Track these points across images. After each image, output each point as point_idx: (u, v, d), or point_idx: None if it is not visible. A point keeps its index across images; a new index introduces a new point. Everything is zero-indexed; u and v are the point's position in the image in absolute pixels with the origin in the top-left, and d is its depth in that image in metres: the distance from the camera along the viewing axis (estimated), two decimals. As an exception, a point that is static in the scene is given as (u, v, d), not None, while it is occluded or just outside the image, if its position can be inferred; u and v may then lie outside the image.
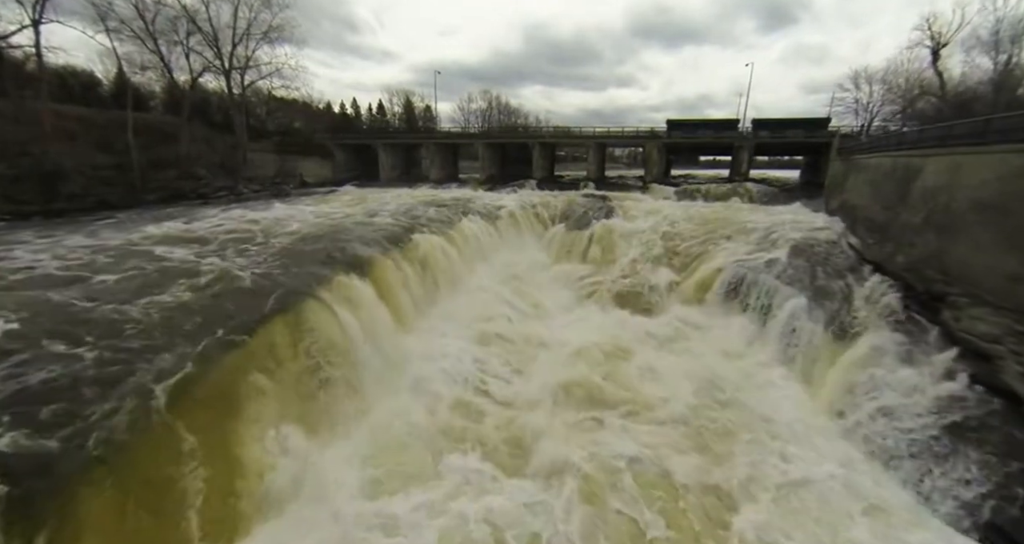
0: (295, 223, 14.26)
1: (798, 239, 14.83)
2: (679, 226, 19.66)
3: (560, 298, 13.93)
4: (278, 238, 11.56)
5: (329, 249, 10.32)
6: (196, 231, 12.97)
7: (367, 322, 7.91)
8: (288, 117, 46.33)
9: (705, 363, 9.23)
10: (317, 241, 11.16)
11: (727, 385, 8.15)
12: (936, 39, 25.11)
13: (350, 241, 11.36)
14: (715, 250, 15.87)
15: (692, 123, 38.39)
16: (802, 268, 12.08)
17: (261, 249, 9.91)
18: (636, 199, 27.16)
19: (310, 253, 9.81)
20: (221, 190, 26.46)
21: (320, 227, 13.33)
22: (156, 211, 17.65)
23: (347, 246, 10.71)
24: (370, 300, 8.56)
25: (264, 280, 7.41)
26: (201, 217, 16.08)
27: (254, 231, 12.70)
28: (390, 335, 8.43)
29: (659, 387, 8.16)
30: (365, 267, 9.68)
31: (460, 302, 11.48)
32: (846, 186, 18.64)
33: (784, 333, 9.51)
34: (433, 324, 10.14)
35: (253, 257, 9.05)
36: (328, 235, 12.07)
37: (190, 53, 24.64)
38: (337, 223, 14.14)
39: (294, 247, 10.42)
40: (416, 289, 10.92)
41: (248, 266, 8.15)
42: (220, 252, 9.54)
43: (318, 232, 12.55)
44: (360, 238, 11.66)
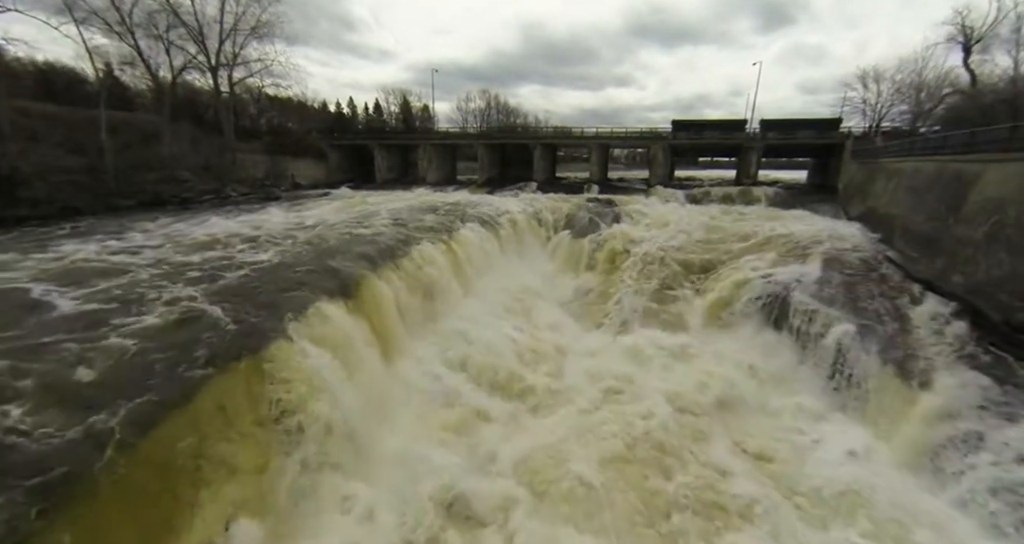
0: (277, 233, 12.95)
1: (827, 250, 13.63)
2: (692, 233, 18.49)
3: (567, 318, 12.66)
4: (251, 253, 10.25)
5: (311, 267, 9.04)
6: (158, 246, 11.63)
7: (350, 361, 6.64)
8: (281, 117, 45.02)
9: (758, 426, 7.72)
10: (299, 257, 9.87)
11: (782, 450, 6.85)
12: (968, 34, 23.88)
13: (336, 255, 10.10)
14: (735, 261, 14.68)
15: (699, 124, 37.19)
16: (840, 285, 10.85)
17: (226, 271, 8.40)
18: (643, 203, 25.97)
19: (287, 273, 8.52)
20: (207, 194, 25.09)
21: (304, 238, 12.03)
22: (129, 218, 16.27)
23: (332, 262, 9.44)
24: (354, 331, 7.28)
25: (220, 317, 6.10)
26: (173, 226, 14.75)
27: (225, 244, 11.31)
28: (376, 381, 7.12)
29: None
30: (351, 288, 8.41)
31: (458, 324, 10.20)
32: (872, 192, 17.50)
33: (831, 366, 8.27)
34: (427, 353, 8.86)
35: (211, 284, 7.57)
36: (312, 248, 10.79)
37: (172, 48, 23.29)
38: (323, 233, 12.85)
39: (270, 266, 9.12)
40: (410, 311, 9.64)
41: (200, 298, 6.76)
42: (173, 277, 8.05)
43: (301, 244, 11.26)
44: (348, 252, 10.39)
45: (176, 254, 10.05)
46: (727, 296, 12.61)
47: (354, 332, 7.31)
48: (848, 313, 9.35)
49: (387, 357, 7.92)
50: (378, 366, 7.41)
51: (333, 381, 5.86)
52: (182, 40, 23.60)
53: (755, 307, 11.66)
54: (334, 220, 15.77)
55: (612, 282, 15.24)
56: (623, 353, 10.34)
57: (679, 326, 12.33)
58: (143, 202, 20.54)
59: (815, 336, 9.15)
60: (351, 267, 9.11)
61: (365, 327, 7.72)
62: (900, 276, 11.03)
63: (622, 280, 15.04)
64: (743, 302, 12.03)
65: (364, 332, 7.70)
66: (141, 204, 20.39)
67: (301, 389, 5.36)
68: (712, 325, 12.20)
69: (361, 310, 8.07)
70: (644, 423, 7.19)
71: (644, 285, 14.26)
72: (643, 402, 7.86)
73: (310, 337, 6.32)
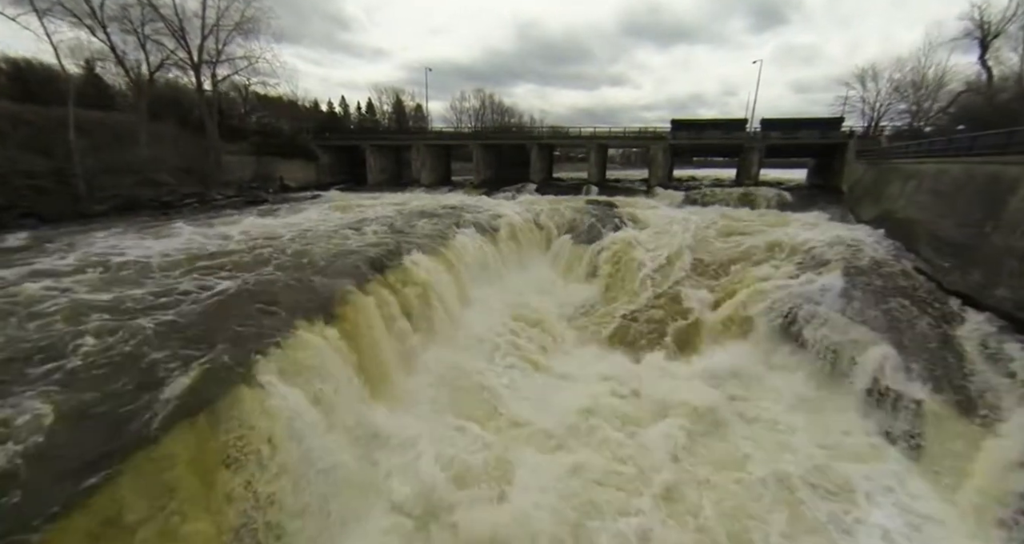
0: (259, 242, 11.91)
1: (846, 258, 12.82)
2: (698, 239, 17.67)
3: (573, 338, 11.72)
4: (216, 272, 9.20)
5: (289, 284, 8.05)
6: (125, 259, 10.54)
7: (331, 404, 5.66)
8: (270, 116, 43.79)
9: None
10: (275, 273, 8.86)
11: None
12: (985, 29, 23.25)
13: (320, 269, 9.12)
14: (749, 269, 13.84)
15: (699, 123, 36.46)
16: (867, 298, 10.01)
17: (180, 300, 6.88)
18: (644, 205, 25.17)
19: (261, 292, 7.52)
20: (189, 197, 23.89)
21: (284, 249, 11.00)
22: (100, 224, 15.11)
23: (314, 278, 8.46)
24: (337, 364, 6.30)
25: (171, 355, 5.08)
26: (147, 234, 13.61)
27: (187, 259, 10.09)
28: (365, 428, 6.10)
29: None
30: (335, 309, 7.43)
31: (456, 346, 9.24)
32: (886, 194, 16.76)
33: (869, 395, 7.40)
34: (421, 385, 7.88)
35: (169, 311, 6.35)
36: (294, 260, 9.79)
37: (149, 44, 22.02)
38: (306, 245, 11.81)
39: (244, 283, 8.09)
40: (402, 332, 8.66)
41: (152, 333, 5.67)
42: (128, 307, 6.94)
43: (280, 256, 10.25)
44: (333, 264, 9.41)
45: (118, 281, 7.97)
46: (742, 310, 11.76)
47: (337, 369, 6.32)
48: (883, 331, 8.52)
49: (375, 396, 6.92)
50: (363, 410, 6.40)
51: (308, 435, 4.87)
52: (158, 34, 22.38)
53: (773, 322, 10.79)
54: (319, 228, 14.74)
55: (618, 293, 14.36)
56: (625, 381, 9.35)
57: (690, 345, 11.43)
58: (117, 207, 19.35)
59: (847, 358, 8.28)
60: (335, 284, 8.11)
61: (352, 362, 6.72)
62: (931, 288, 10.21)
63: (629, 291, 14.17)
64: (759, 317, 11.16)
65: (350, 368, 6.72)
66: (115, 209, 19.19)
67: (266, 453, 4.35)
68: (726, 342, 11.33)
69: (349, 333, 7.10)
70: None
71: (652, 298, 13.38)
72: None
73: (280, 371, 5.35)
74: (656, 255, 16.00)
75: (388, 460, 5.98)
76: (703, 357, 10.88)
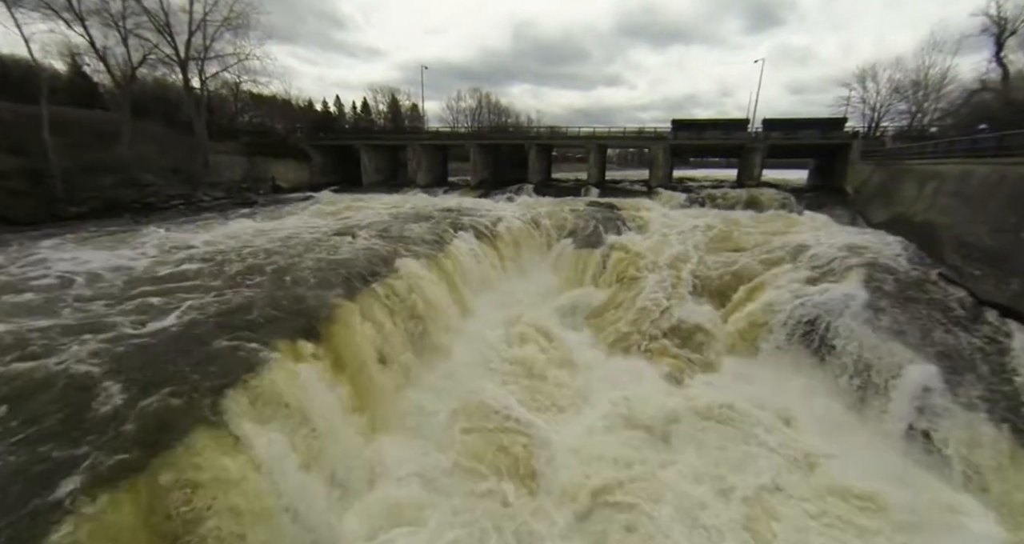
0: (234, 251, 11.12)
1: (863, 264, 12.18)
2: (705, 243, 17.01)
3: (580, 349, 10.96)
4: (196, 279, 8.42)
5: (273, 296, 7.28)
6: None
7: (313, 442, 4.90)
8: (263, 115, 42.89)
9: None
10: (259, 283, 8.08)
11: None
12: (1001, 25, 22.66)
13: (308, 278, 8.35)
14: (759, 275, 13.16)
15: (699, 123, 35.87)
16: (896, 309, 9.34)
17: (140, 322, 6.10)
18: (646, 207, 24.50)
19: (239, 307, 6.75)
20: (175, 199, 23.01)
21: (265, 259, 10.20)
22: (72, 228, 14.23)
23: (300, 289, 7.70)
24: (322, 394, 5.54)
25: (127, 387, 4.31)
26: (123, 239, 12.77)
27: (153, 271, 9.30)
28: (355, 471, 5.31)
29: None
30: (320, 324, 6.67)
31: (455, 365, 8.48)
32: (899, 197, 16.16)
33: (909, 421, 6.70)
34: (420, 409, 7.11)
35: (103, 345, 5.31)
36: (279, 268, 9.01)
37: (132, 39, 21.06)
38: (294, 252, 11.02)
39: (222, 295, 7.31)
40: (395, 347, 7.89)
41: (104, 359, 4.88)
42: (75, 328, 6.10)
43: (268, 261, 9.47)
44: (321, 274, 8.64)
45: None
46: (756, 321, 11.06)
47: (325, 396, 5.56)
48: (918, 347, 7.84)
49: (371, 428, 6.15)
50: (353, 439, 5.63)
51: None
52: (142, 29, 21.47)
53: (791, 336, 10.10)
54: (307, 234, 13.92)
55: (623, 300, 13.62)
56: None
57: (700, 358, 10.69)
58: (97, 209, 18.46)
59: (881, 379, 7.59)
60: (320, 299, 7.34)
61: (344, 390, 5.95)
62: (962, 298, 9.56)
63: (634, 298, 13.45)
64: (776, 330, 10.46)
65: (339, 395, 5.95)
66: (94, 211, 18.31)
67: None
68: (739, 357, 10.61)
69: (336, 351, 6.34)
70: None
71: (659, 307, 12.64)
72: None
73: (250, 410, 4.58)
74: (661, 260, 15.33)
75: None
76: (714, 372, 10.18)
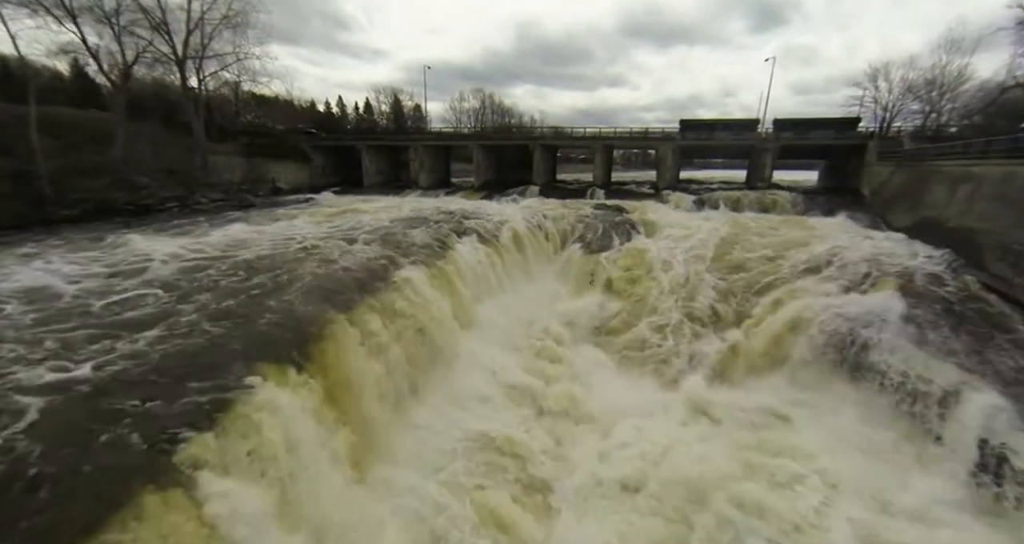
0: (230, 256, 10.44)
1: (897, 272, 11.40)
2: (721, 248, 16.24)
3: (593, 366, 10.23)
4: (170, 292, 7.74)
5: (255, 312, 6.59)
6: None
7: (294, 493, 4.20)
8: (264, 116, 42.43)
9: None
10: (243, 296, 7.40)
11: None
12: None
13: (298, 290, 7.67)
14: (782, 284, 12.42)
15: (708, 124, 35.05)
16: (939, 322, 8.57)
17: (83, 346, 5.40)
18: (656, 210, 23.70)
19: (216, 328, 6.06)
20: (171, 201, 22.45)
21: (253, 269, 9.51)
22: (56, 232, 13.63)
23: (288, 304, 7.01)
24: (309, 432, 4.83)
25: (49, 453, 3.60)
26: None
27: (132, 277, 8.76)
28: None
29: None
30: (309, 345, 5.98)
31: (458, 387, 7.77)
32: (927, 200, 15.36)
33: (975, 459, 5.92)
34: (420, 445, 6.38)
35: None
36: (266, 280, 8.32)
37: (127, 37, 20.49)
38: (287, 255, 10.34)
39: (199, 314, 6.63)
40: (394, 369, 7.19)
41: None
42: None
43: (255, 273, 8.79)
44: (312, 285, 7.95)
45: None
46: (781, 336, 10.26)
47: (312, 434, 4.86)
48: (973, 368, 7.07)
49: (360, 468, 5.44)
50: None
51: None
52: (136, 26, 20.87)
53: (822, 353, 9.31)
54: (302, 238, 13.23)
55: (636, 310, 12.87)
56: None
57: (722, 376, 9.93)
58: (88, 212, 17.88)
59: (933, 407, 6.81)
60: (308, 319, 6.63)
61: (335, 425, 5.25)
62: (1010, 310, 8.80)
63: (648, 309, 12.70)
64: (803, 345, 9.67)
65: (330, 432, 5.25)
66: (86, 214, 17.74)
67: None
68: (762, 375, 9.83)
69: (326, 376, 5.65)
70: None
71: (675, 319, 11.90)
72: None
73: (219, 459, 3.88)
74: (675, 267, 14.60)
75: None
76: (737, 390, 9.41)
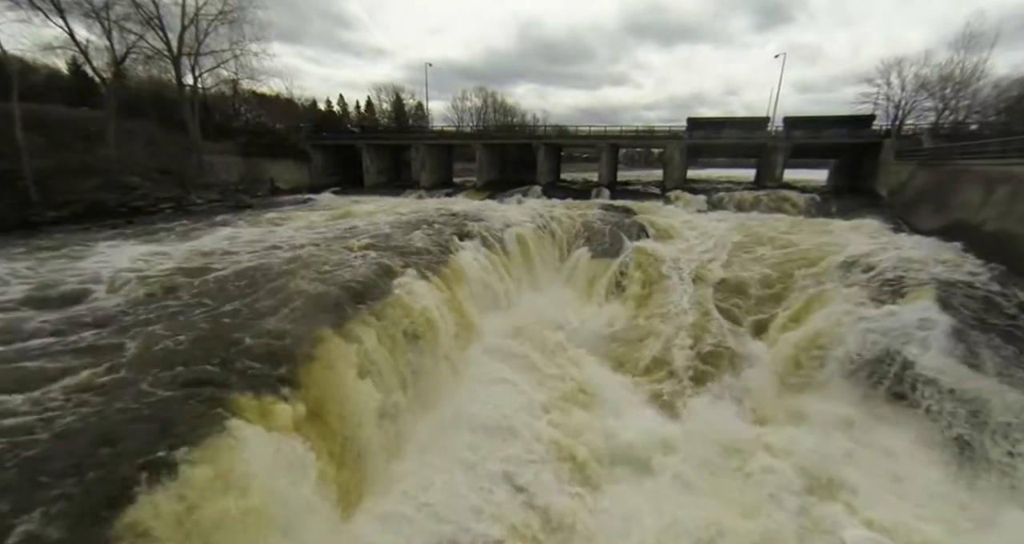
0: (202, 268, 9.76)
1: (932, 280, 10.58)
2: (736, 251, 15.46)
3: (605, 384, 9.45)
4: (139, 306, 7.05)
5: (235, 331, 5.89)
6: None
7: None
8: (264, 115, 41.84)
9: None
10: (227, 310, 6.70)
11: None
12: None
13: (287, 302, 6.96)
14: (805, 292, 11.64)
15: (716, 122, 34.22)
16: (993, 340, 7.76)
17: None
18: (665, 211, 22.89)
19: (190, 350, 5.37)
20: (165, 201, 21.83)
21: (247, 274, 8.83)
22: (39, 236, 12.99)
23: (274, 319, 6.30)
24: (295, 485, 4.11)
25: None
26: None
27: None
28: None
29: None
30: (294, 367, 5.28)
31: (460, 410, 7.04)
32: (958, 201, 14.52)
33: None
34: (424, 490, 5.63)
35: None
36: (252, 292, 7.63)
37: (117, 31, 19.78)
38: (276, 263, 9.63)
39: (173, 336, 5.94)
40: (392, 392, 6.47)
41: None
42: None
43: (241, 282, 8.11)
44: (303, 297, 7.24)
45: None
46: (806, 350, 9.46)
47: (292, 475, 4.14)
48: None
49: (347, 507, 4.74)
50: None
51: None
52: (128, 21, 20.19)
53: (854, 371, 8.52)
54: (296, 243, 12.55)
55: (648, 320, 12.11)
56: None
57: (744, 400, 9.11)
58: (78, 214, 17.25)
59: (999, 447, 6.02)
60: (312, 324, 5.92)
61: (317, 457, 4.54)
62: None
63: (661, 318, 11.94)
64: (832, 361, 8.87)
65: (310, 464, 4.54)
66: (75, 216, 17.10)
67: None
68: (787, 398, 9.02)
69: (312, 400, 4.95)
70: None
71: (690, 330, 11.11)
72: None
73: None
74: (688, 273, 13.83)
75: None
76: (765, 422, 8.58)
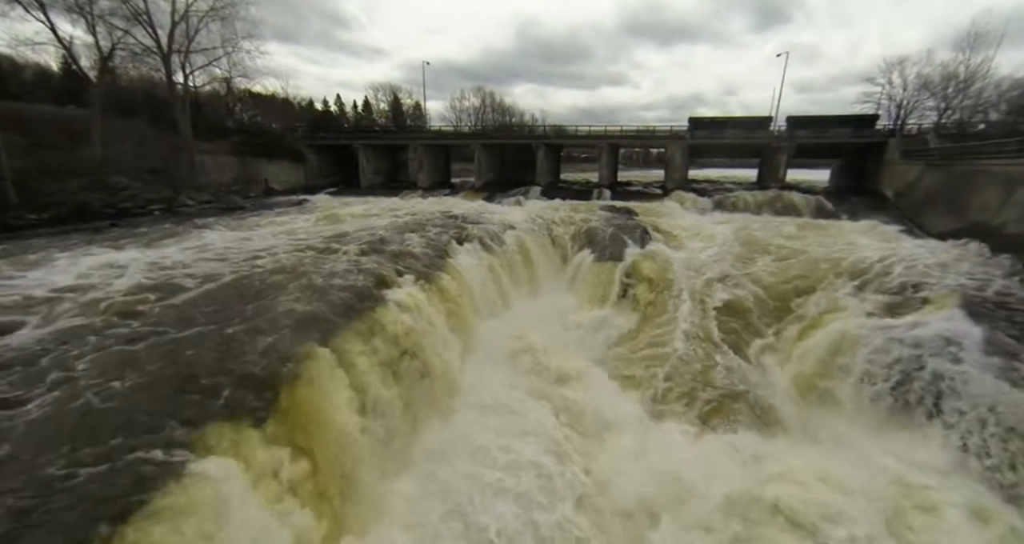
0: (199, 272, 9.18)
1: (955, 286, 10.06)
2: (742, 256, 14.95)
3: (613, 406, 8.86)
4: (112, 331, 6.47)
5: (214, 354, 5.32)
6: None
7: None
8: (260, 114, 41.26)
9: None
10: (205, 329, 6.13)
11: None
12: None
13: (273, 316, 6.40)
14: (819, 300, 11.11)
15: (718, 121, 33.75)
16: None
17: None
18: (667, 212, 22.40)
19: (168, 371, 4.81)
20: (155, 203, 21.21)
21: (230, 284, 8.26)
22: (10, 241, 12.36)
23: (258, 337, 5.73)
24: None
25: None
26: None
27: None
28: None
29: None
30: (278, 387, 4.74)
31: (459, 432, 6.48)
32: (974, 202, 14.03)
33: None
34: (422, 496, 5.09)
35: None
36: (238, 305, 7.06)
37: (102, 26, 19.19)
38: (263, 273, 9.06)
39: (148, 354, 5.38)
40: (385, 407, 5.89)
41: None
42: None
43: (228, 293, 7.54)
44: (291, 308, 6.68)
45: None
46: (823, 362, 8.86)
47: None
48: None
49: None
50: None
51: None
52: (115, 17, 19.59)
53: (877, 386, 7.93)
54: (274, 257, 11.97)
55: (654, 330, 11.53)
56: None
57: (761, 419, 8.53)
58: (61, 216, 16.62)
59: None
60: (299, 338, 5.35)
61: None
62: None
63: (667, 329, 11.36)
64: (853, 376, 8.27)
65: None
66: (58, 219, 16.48)
67: None
68: (804, 412, 8.43)
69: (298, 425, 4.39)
70: None
71: (697, 342, 10.51)
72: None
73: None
74: (695, 277, 13.30)
75: None
76: (772, 437, 7.93)
